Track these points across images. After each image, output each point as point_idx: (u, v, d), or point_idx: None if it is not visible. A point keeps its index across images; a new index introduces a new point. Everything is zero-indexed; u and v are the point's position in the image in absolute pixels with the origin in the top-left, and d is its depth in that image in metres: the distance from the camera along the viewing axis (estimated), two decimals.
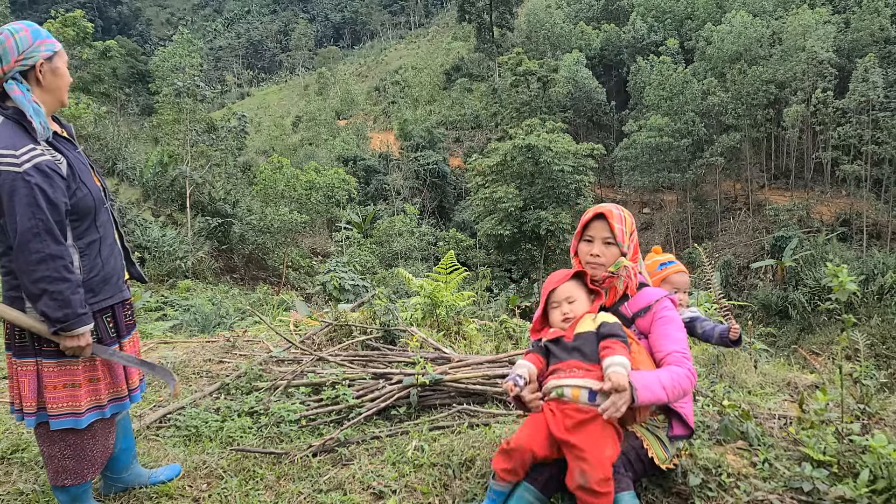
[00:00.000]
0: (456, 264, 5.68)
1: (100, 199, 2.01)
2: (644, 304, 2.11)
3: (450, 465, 2.43)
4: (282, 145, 46.54)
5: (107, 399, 2.05)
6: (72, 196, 1.90)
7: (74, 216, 1.93)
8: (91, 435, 2.03)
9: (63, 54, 1.99)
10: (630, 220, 2.15)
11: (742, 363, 4.24)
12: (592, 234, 2.12)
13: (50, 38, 1.96)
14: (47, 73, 1.93)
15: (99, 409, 2.02)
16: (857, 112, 31.96)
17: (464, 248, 29.92)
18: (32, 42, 1.89)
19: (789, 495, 2.22)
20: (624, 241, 2.09)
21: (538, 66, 40.83)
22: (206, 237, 20.11)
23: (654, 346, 2.08)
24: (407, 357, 3.69)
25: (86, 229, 1.96)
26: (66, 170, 1.89)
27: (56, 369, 1.95)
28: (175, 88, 21.22)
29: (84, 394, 1.98)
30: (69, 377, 1.96)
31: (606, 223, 2.08)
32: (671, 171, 36.07)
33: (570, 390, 1.92)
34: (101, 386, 2.03)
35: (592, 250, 2.10)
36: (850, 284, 2.53)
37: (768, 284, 27.11)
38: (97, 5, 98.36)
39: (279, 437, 2.83)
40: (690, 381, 1.96)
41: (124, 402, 2.10)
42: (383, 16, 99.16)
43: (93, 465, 2.05)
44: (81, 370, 1.98)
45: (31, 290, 1.82)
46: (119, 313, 2.11)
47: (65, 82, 1.98)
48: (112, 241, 2.08)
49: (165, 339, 5.52)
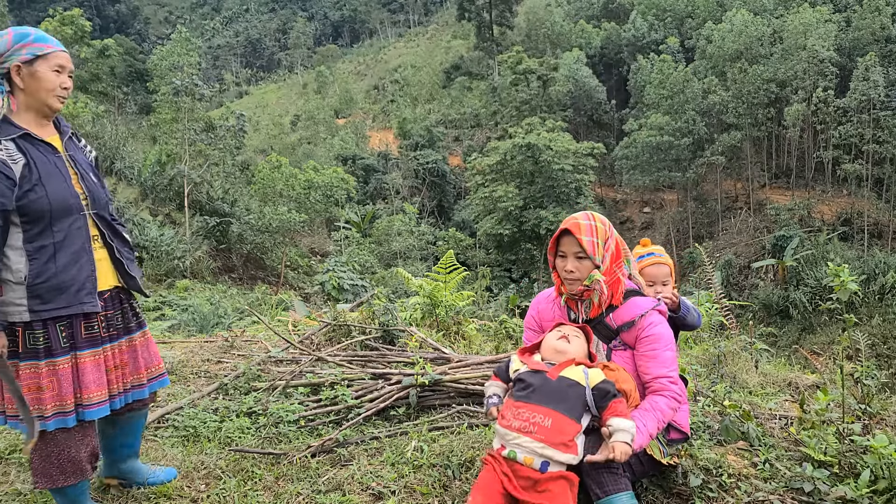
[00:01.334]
0: (455, 264, 5.67)
1: (64, 206, 1.95)
2: (628, 318, 2.08)
3: (449, 466, 2.43)
4: (280, 144, 46.54)
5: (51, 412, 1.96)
6: (21, 196, 1.87)
7: (25, 218, 1.89)
8: (53, 441, 1.97)
9: (54, 58, 1.97)
10: (603, 228, 2.08)
11: (743, 363, 4.23)
12: (564, 250, 2.09)
13: (41, 41, 1.96)
14: (25, 76, 1.94)
15: (41, 420, 1.94)
16: (858, 111, 31.93)
17: (463, 248, 29.93)
18: (12, 45, 1.92)
19: (790, 496, 2.21)
20: (595, 252, 2.03)
21: (538, 64, 40.81)
22: (205, 236, 20.09)
23: (641, 367, 2.07)
24: (406, 357, 3.68)
25: (38, 233, 1.91)
26: (20, 170, 1.87)
27: (24, 372, 1.94)
28: (173, 87, 21.19)
29: (49, 398, 1.94)
30: (34, 380, 1.94)
31: (574, 238, 2.05)
32: (672, 170, 36.04)
33: (523, 455, 1.83)
34: (44, 396, 1.95)
35: (567, 266, 2.07)
36: (851, 284, 2.52)
37: (769, 284, 27.11)
38: (95, 4, 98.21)
39: (278, 438, 2.82)
40: (675, 407, 2.05)
41: (69, 416, 1.98)
42: (382, 14, 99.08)
43: (62, 472, 1.98)
44: (23, 376, 1.93)
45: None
46: (77, 326, 1.99)
47: (45, 86, 1.95)
48: (79, 249, 1.98)
49: (163, 339, 5.51)
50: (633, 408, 1.98)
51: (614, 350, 2.12)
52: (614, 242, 2.11)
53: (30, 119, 1.98)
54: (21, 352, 1.93)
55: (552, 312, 2.24)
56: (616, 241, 2.12)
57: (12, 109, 1.94)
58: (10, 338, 1.92)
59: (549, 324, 2.24)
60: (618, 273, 2.11)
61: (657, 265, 2.53)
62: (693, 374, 3.58)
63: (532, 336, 2.30)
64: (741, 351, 4.45)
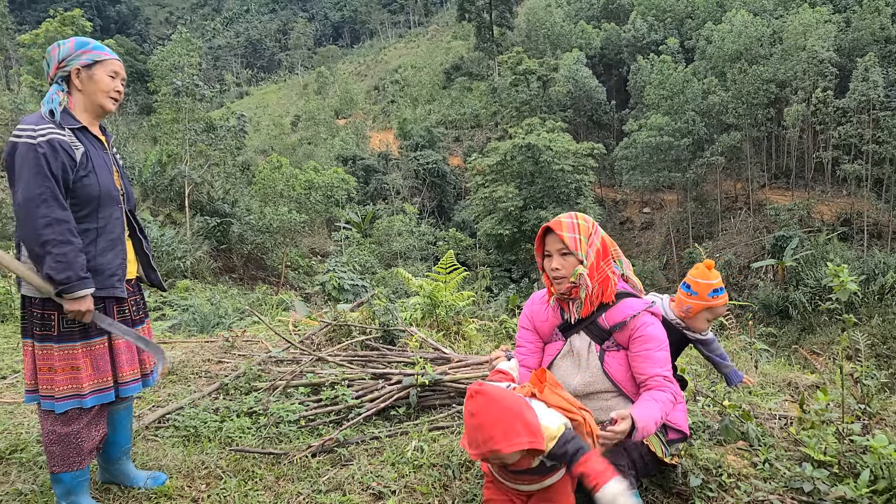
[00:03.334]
0: (455, 264, 5.67)
1: (109, 196, 2.14)
2: (620, 319, 2.08)
3: (449, 466, 2.43)
4: (281, 145, 46.49)
5: (88, 389, 2.08)
6: (77, 180, 2.04)
7: (75, 201, 2.05)
8: (68, 422, 2.07)
9: (110, 65, 2.18)
10: (586, 224, 2.10)
11: (743, 363, 4.23)
12: (549, 249, 2.12)
13: (99, 50, 2.18)
14: (84, 78, 2.14)
15: (78, 398, 2.06)
16: (857, 111, 31.92)
17: (463, 248, 29.91)
18: (73, 51, 2.14)
19: (790, 496, 2.22)
20: (578, 248, 2.05)
21: (538, 65, 40.80)
22: (205, 237, 20.09)
23: (635, 368, 2.08)
24: (406, 357, 3.68)
25: (85, 216, 2.07)
26: (80, 156, 2.06)
27: (41, 352, 2.05)
28: (174, 88, 21.19)
29: (62, 380, 2.04)
30: (48, 361, 2.05)
31: (555, 235, 2.07)
32: (671, 170, 36.01)
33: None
34: (81, 375, 2.06)
35: (552, 264, 2.09)
36: (850, 284, 2.52)
37: (769, 284, 27.08)
38: (96, 4, 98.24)
39: (278, 438, 2.82)
40: (674, 404, 2.05)
41: (108, 392, 2.13)
42: (383, 15, 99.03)
43: (78, 454, 2.09)
44: (58, 357, 2.05)
45: (38, 251, 1.95)
46: (111, 309, 2.16)
47: (101, 88, 2.16)
48: (116, 238, 2.16)
49: (164, 339, 5.52)
50: (588, 435, 1.83)
51: (607, 351, 2.11)
52: (599, 240, 2.12)
53: (84, 118, 2.17)
54: (56, 335, 2.05)
55: (545, 313, 2.24)
56: (602, 239, 2.13)
57: (69, 106, 2.12)
58: (45, 322, 2.05)
59: (543, 324, 2.24)
60: (606, 271, 2.11)
61: (725, 305, 2.46)
62: (693, 374, 3.58)
63: (525, 335, 2.29)
64: (741, 351, 4.46)
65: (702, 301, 2.39)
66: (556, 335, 2.22)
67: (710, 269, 2.42)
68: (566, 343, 2.18)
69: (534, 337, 2.27)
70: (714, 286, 2.38)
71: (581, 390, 2.11)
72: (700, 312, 2.41)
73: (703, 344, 2.55)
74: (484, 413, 1.65)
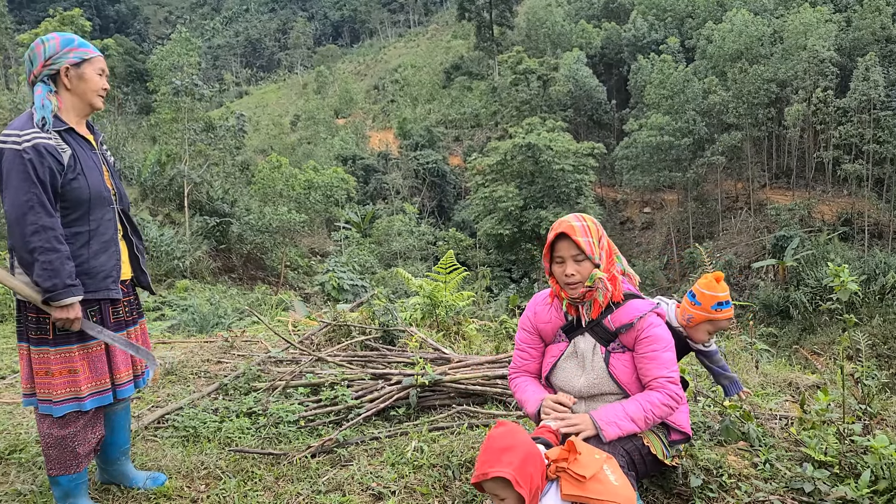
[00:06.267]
0: (455, 264, 5.66)
1: (100, 197, 2.11)
2: (627, 321, 2.06)
3: (449, 466, 2.43)
4: (280, 144, 46.53)
5: (86, 392, 2.07)
6: (66, 183, 2.01)
7: (66, 204, 2.02)
8: (65, 425, 2.06)
9: (97, 62, 2.15)
10: (595, 227, 2.07)
11: (743, 363, 4.23)
12: (562, 255, 2.06)
13: (85, 47, 2.13)
14: (73, 77, 2.10)
15: (77, 401, 2.05)
16: (858, 111, 31.91)
17: (463, 248, 29.92)
18: (60, 49, 2.08)
19: (790, 496, 2.21)
20: (594, 252, 2.02)
21: (538, 64, 40.81)
22: (205, 237, 20.07)
23: (641, 369, 2.06)
24: (406, 357, 3.68)
25: (76, 219, 2.05)
26: (67, 158, 2.02)
27: (38, 356, 2.04)
28: (173, 87, 21.18)
29: (60, 384, 2.04)
30: (44, 365, 2.04)
31: (570, 241, 2.02)
32: (672, 170, 36.01)
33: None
34: (79, 378, 2.06)
35: (566, 270, 2.04)
36: (851, 284, 2.52)
37: (769, 284, 27.08)
38: (95, 4, 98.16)
39: (278, 438, 2.82)
40: (671, 405, 2.00)
41: (106, 395, 2.12)
42: (382, 14, 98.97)
43: (75, 458, 2.08)
44: (55, 360, 2.03)
45: (27, 258, 1.94)
46: (106, 311, 2.15)
47: (91, 87, 2.13)
48: (109, 240, 2.14)
49: (163, 339, 5.51)
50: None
51: (613, 353, 2.09)
52: (606, 239, 2.11)
53: (71, 118, 2.13)
54: (52, 338, 2.04)
55: (549, 315, 2.21)
56: (607, 238, 2.13)
57: (59, 107, 2.08)
58: (40, 325, 2.05)
59: (546, 325, 2.21)
60: (613, 270, 2.10)
61: (730, 319, 2.40)
62: (693, 374, 3.58)
63: (525, 337, 2.26)
64: (741, 351, 4.45)
65: (704, 312, 2.34)
66: (559, 336, 2.20)
67: (718, 281, 2.37)
68: (570, 344, 2.15)
69: (534, 339, 2.25)
70: (719, 299, 2.33)
71: (585, 392, 2.10)
72: (701, 324, 2.37)
73: (705, 355, 2.52)
74: (498, 439, 1.69)
